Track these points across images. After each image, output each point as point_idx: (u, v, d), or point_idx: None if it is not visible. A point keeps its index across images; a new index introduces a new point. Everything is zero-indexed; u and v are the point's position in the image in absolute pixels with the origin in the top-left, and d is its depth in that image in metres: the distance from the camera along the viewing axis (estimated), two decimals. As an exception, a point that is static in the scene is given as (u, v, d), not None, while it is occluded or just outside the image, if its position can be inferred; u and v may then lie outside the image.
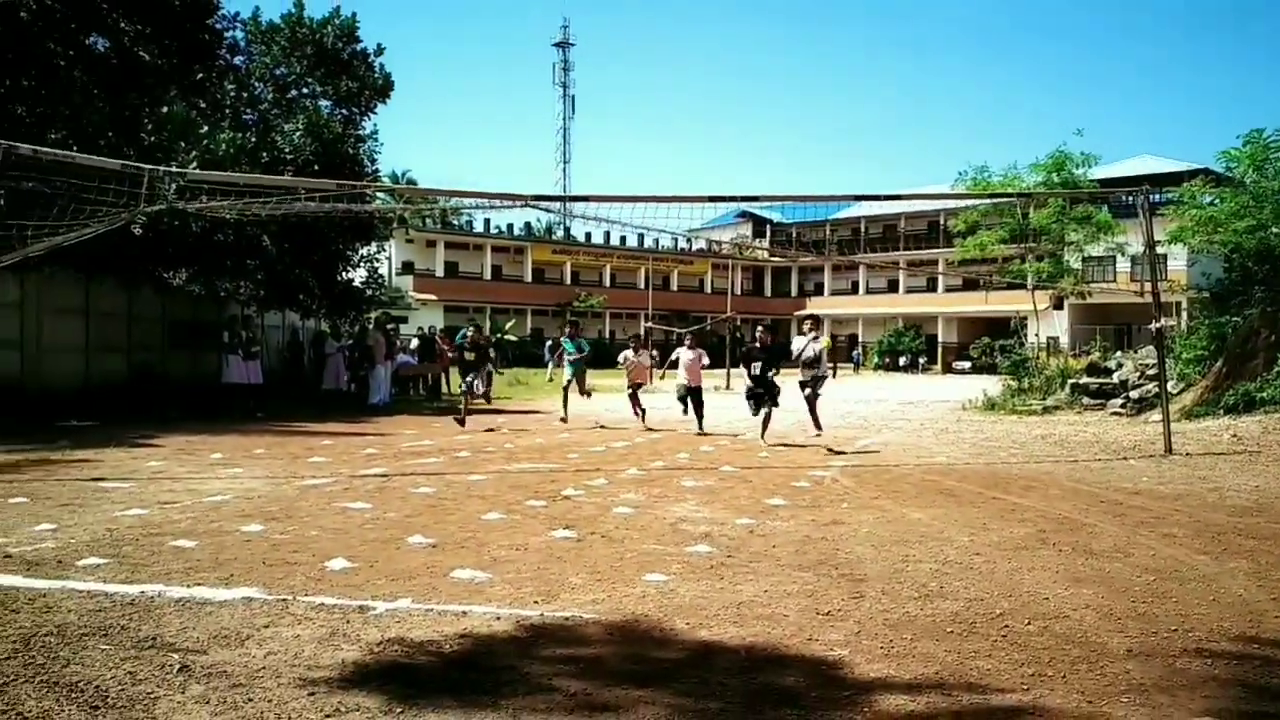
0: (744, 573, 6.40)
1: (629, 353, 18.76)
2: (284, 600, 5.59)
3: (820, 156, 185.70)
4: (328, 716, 3.86)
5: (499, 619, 5.29)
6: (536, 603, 5.64)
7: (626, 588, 5.99)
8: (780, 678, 4.40)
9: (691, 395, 16.67)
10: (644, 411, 17.77)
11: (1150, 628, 5.28)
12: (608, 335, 62.75)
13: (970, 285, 57.29)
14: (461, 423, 17.05)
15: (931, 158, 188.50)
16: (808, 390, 14.78)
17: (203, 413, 18.27)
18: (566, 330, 19.57)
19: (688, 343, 17.51)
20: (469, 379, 18.22)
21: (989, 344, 31.88)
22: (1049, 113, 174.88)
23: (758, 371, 14.63)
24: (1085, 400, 21.65)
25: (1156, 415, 18.13)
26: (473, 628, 5.13)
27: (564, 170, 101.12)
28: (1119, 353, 25.76)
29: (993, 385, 26.22)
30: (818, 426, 14.70)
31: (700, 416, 16.66)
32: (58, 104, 17.68)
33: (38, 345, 18.16)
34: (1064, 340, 43.43)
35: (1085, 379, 22.58)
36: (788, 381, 15.30)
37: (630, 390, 18.24)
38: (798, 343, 15.13)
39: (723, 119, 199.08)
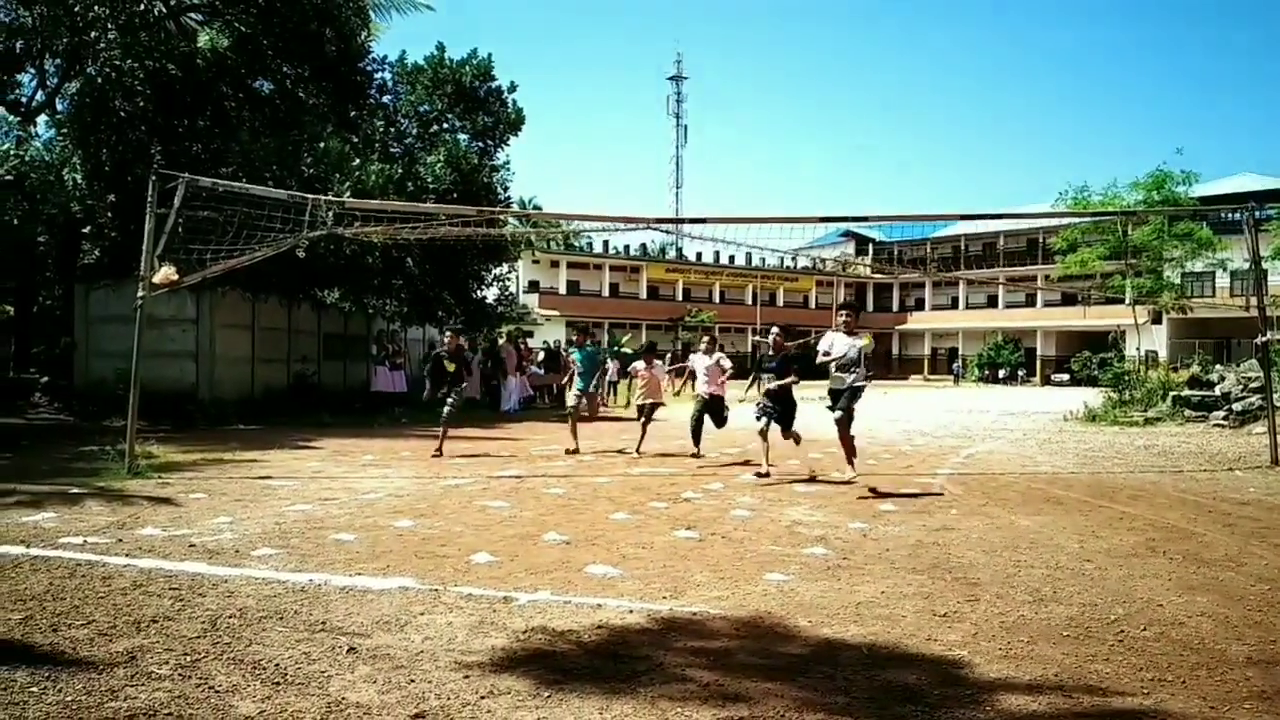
0: (860, 574, 6.28)
1: (640, 364, 14.97)
2: (436, 590, 5.70)
3: (920, 178, 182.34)
4: (483, 698, 3.92)
5: (631, 612, 5.30)
6: (665, 598, 5.63)
7: (749, 585, 5.94)
8: (903, 675, 4.29)
9: (711, 409, 13.20)
10: (643, 438, 14.04)
11: (1269, 636, 5.00)
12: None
13: (1069, 300, 55.51)
14: (439, 453, 13.16)
15: (1030, 177, 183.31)
16: (839, 407, 10.08)
17: (353, 417, 18.82)
18: (575, 338, 15.86)
19: (703, 347, 14.11)
20: (445, 396, 13.88)
21: (1089, 357, 30.73)
22: (1146, 132, 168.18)
23: (773, 385, 11.53)
24: (1187, 412, 20.73)
25: (1260, 427, 17.29)
26: (608, 619, 5.15)
27: (676, 194, 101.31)
28: (1219, 366, 24.62)
29: (1093, 397, 25.31)
30: (850, 461, 10.31)
31: (721, 424, 13.45)
32: (229, 141, 18.44)
33: (211, 357, 18.95)
34: (1162, 354, 41.78)
35: (1187, 391, 21.62)
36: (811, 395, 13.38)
37: (639, 410, 14.55)
38: (828, 342, 10.27)
39: (825, 141, 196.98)
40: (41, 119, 22.03)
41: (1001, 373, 63.03)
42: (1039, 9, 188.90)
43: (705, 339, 14.34)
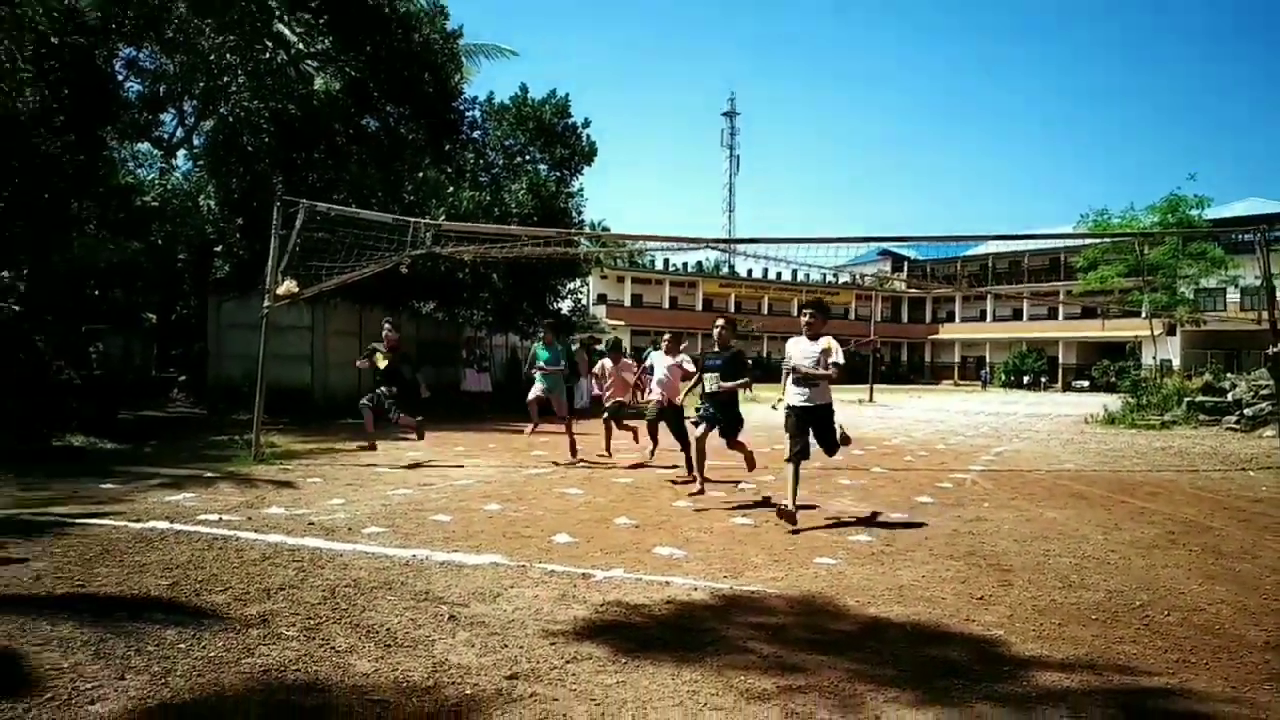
0: (902, 560, 6.18)
1: (606, 362, 12.37)
2: (523, 566, 5.74)
3: (950, 200, 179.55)
4: (568, 662, 3.93)
5: (696, 589, 5.28)
6: (725, 577, 5.60)
7: (801, 568, 5.88)
8: (945, 651, 4.22)
9: (668, 419, 10.41)
10: (609, 437, 12.12)
11: (1285, 623, 4.83)
12: (765, 354, 62.04)
13: (1089, 313, 54.09)
14: (371, 446, 11.88)
15: (1052, 201, 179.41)
16: (814, 427, 7.67)
17: (445, 414, 19.03)
18: (543, 335, 12.56)
19: (664, 345, 11.13)
20: (374, 402, 11.79)
21: (1108, 365, 30.02)
22: (1159, 160, 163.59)
23: (713, 387, 8.71)
24: (1201, 417, 20.06)
25: (1270, 430, 16.71)
26: (675, 595, 5.13)
27: (729, 217, 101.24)
28: (1230, 374, 23.84)
29: (1112, 401, 24.66)
30: (789, 506, 7.35)
31: (685, 447, 9.91)
32: (340, 172, 18.78)
33: (324, 360, 19.31)
34: (1176, 363, 40.51)
35: (1201, 397, 20.95)
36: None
37: (607, 413, 12.09)
38: (788, 350, 7.78)
39: (864, 165, 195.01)
40: (181, 153, 22.71)
41: (1026, 379, 61.68)
42: (1067, 49, 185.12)
43: (667, 336, 11.39)
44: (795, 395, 7.67)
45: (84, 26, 16.35)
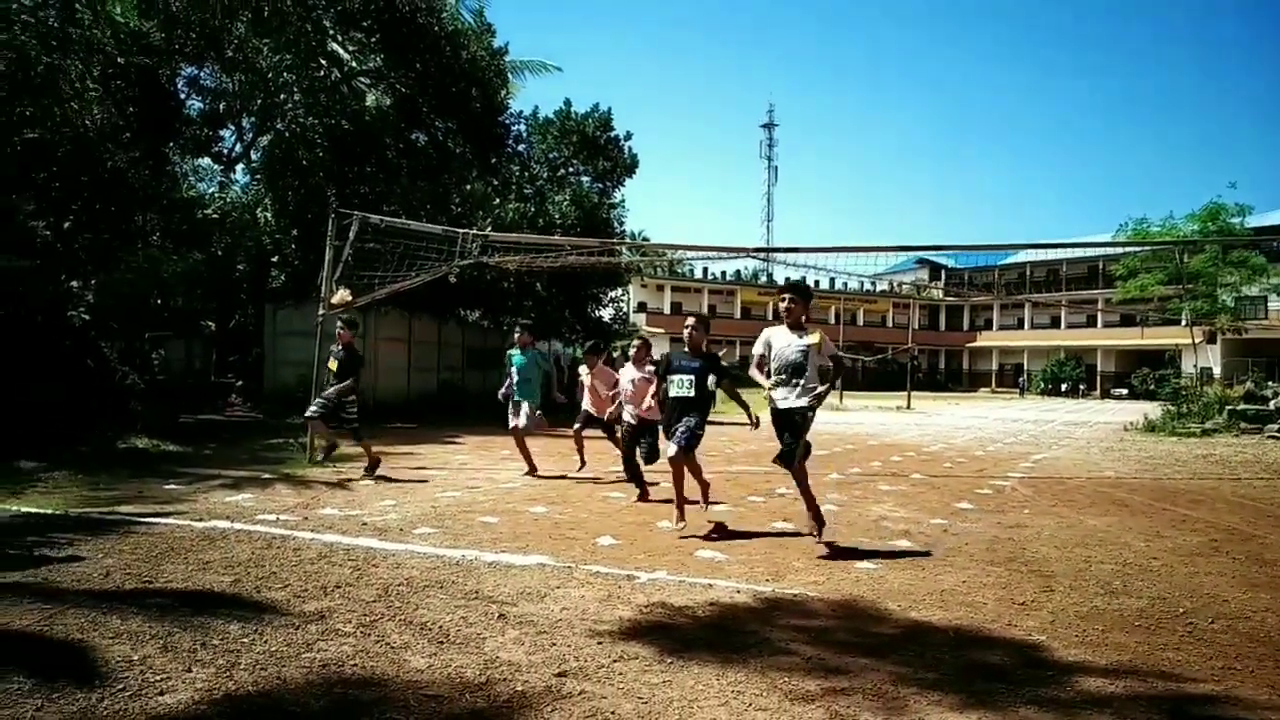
0: (943, 565, 6.11)
1: (583, 369, 10.70)
2: (569, 567, 5.76)
3: (988, 208, 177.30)
4: (615, 661, 3.95)
5: (739, 592, 5.27)
6: (767, 580, 5.58)
7: (842, 573, 5.84)
8: (987, 656, 4.16)
9: (642, 437, 8.73)
10: (580, 450, 10.72)
11: (1333, 632, 4.70)
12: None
13: (1128, 321, 53.07)
14: (332, 446, 10.73)
15: (1088, 207, 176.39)
16: (785, 446, 6.45)
17: (491, 418, 19.15)
18: (516, 336, 10.82)
19: (633, 351, 9.45)
20: (323, 409, 10.13)
21: (1148, 373, 29.42)
22: (1199, 169, 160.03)
23: (685, 389, 7.11)
24: (1242, 425, 19.64)
25: (1315, 439, 16.27)
26: (718, 598, 5.12)
27: (767, 226, 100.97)
28: (1271, 383, 23.25)
29: (1152, 409, 24.17)
30: (818, 523, 6.72)
31: (639, 473, 8.86)
32: (391, 185, 19.05)
33: (374, 366, 19.56)
34: (1217, 371, 39.61)
35: (1242, 405, 20.47)
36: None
37: (579, 424, 10.52)
38: (764, 340, 6.62)
39: (902, 175, 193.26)
40: (240, 167, 23.17)
41: (1064, 387, 60.69)
42: (1107, 58, 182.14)
43: (637, 342, 9.67)
44: (780, 394, 6.45)
45: (149, 47, 16.77)
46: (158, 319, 18.69)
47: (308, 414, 10.36)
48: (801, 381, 6.37)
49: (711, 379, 7.18)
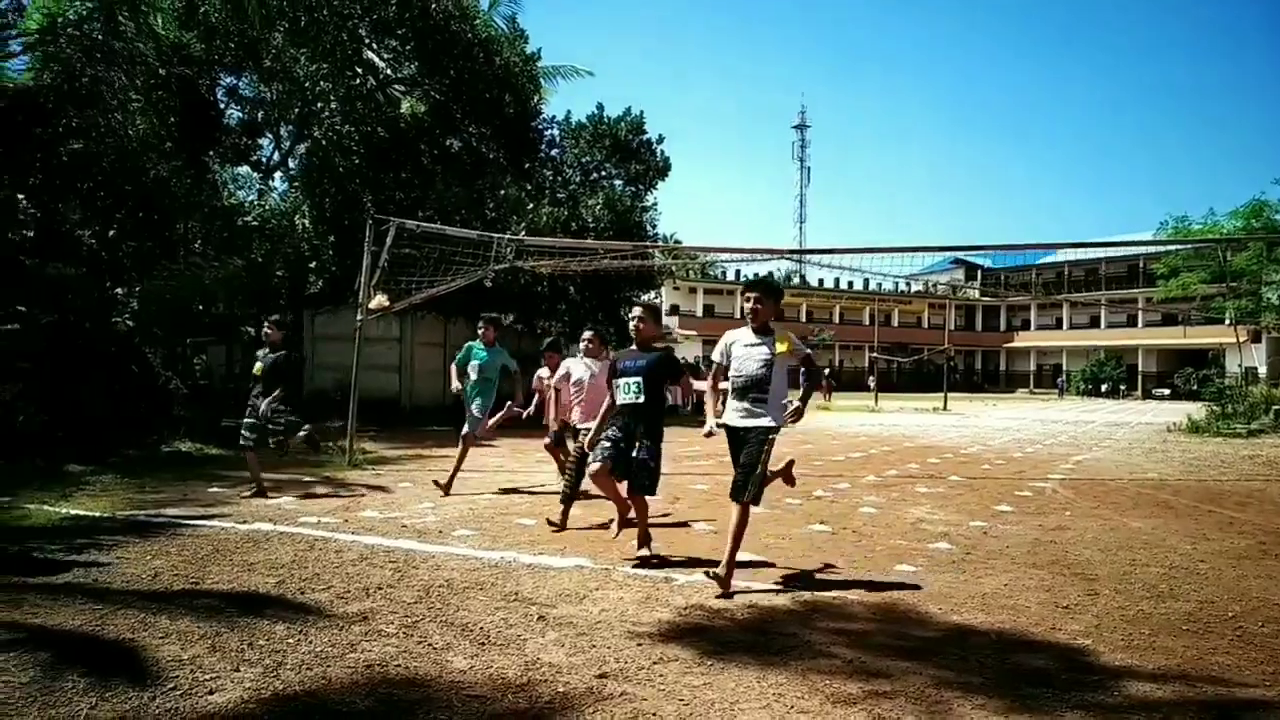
0: (983, 568, 6.04)
1: (544, 372, 9.27)
2: (607, 569, 5.77)
3: (1025, 207, 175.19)
4: (655, 663, 3.95)
5: (777, 594, 5.24)
6: (806, 583, 5.54)
7: (881, 575, 5.79)
8: (1031, 660, 4.10)
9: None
10: (572, 473, 7.53)
11: (1389, 637, 4.58)
12: (837, 364, 61.29)
13: (1169, 320, 52.07)
14: (261, 491, 8.56)
15: (1126, 206, 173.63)
16: (740, 471, 5.29)
17: (525, 422, 19.23)
18: (480, 329, 9.45)
19: (584, 344, 8.00)
20: (253, 431, 8.55)
21: (1191, 373, 28.87)
22: (1232, 162, 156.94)
23: (633, 395, 6.03)
24: (1289, 425, 19.21)
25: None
26: (756, 600, 5.10)
27: (800, 228, 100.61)
28: (1320, 382, 22.73)
29: (1196, 410, 23.71)
30: (729, 564, 5.25)
31: (573, 484, 7.36)
32: (426, 190, 19.22)
33: (411, 370, 19.75)
34: (1262, 370, 38.78)
35: (1289, 406, 20.04)
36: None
37: (550, 438, 9.18)
38: (723, 347, 5.65)
39: (937, 173, 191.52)
40: (277, 175, 23.46)
41: (1104, 387, 59.72)
42: (1142, 49, 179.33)
43: (588, 333, 8.19)
44: (734, 409, 5.44)
45: (189, 58, 17.09)
46: (199, 325, 19.01)
47: (241, 444, 8.74)
48: (764, 397, 5.35)
49: (668, 387, 6.08)
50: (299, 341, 21.08)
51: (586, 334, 8.15)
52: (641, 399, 6.02)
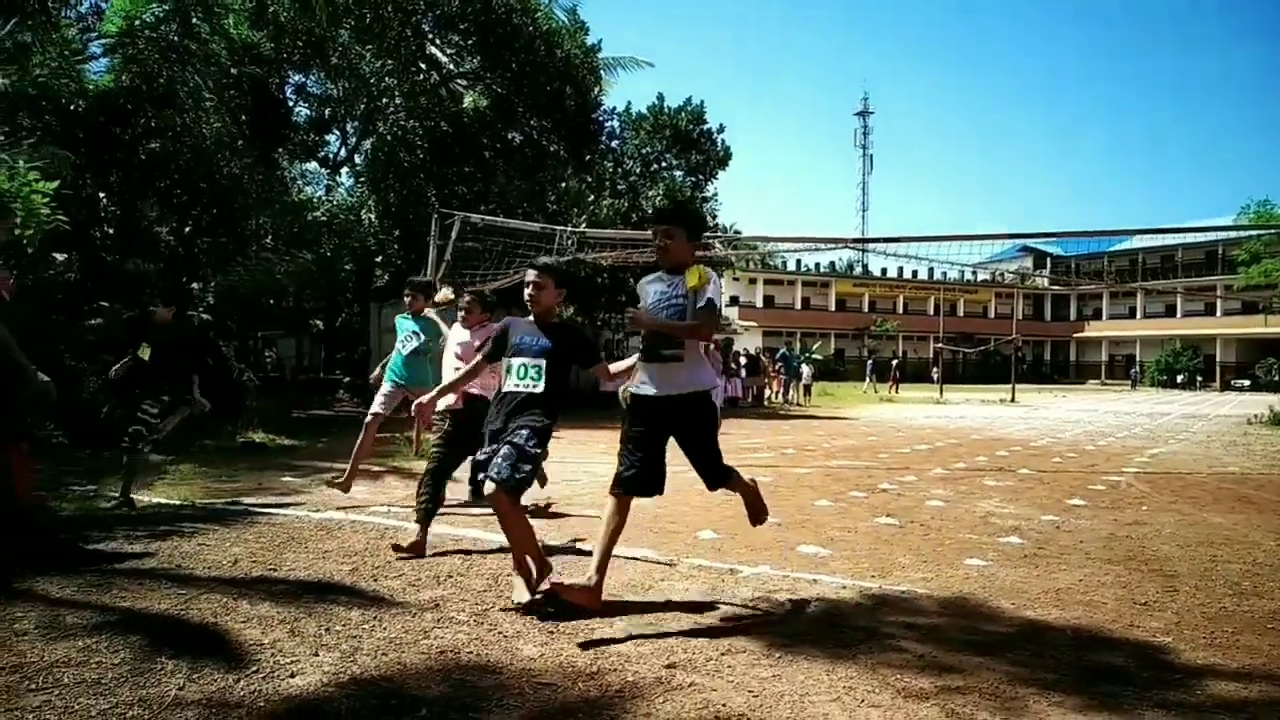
0: (1057, 563, 5.92)
1: (456, 327, 6.97)
2: (671, 561, 5.80)
3: (1097, 192, 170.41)
4: (723, 654, 3.95)
5: (845, 588, 5.21)
6: (873, 577, 5.50)
7: (950, 569, 5.72)
8: (1109, 658, 4.02)
9: (467, 433, 5.91)
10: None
11: None
12: (901, 354, 60.43)
13: (1249, 309, 50.16)
14: (125, 504, 7.02)
15: (1205, 192, 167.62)
16: (645, 440, 4.61)
17: (585, 412, 19.38)
18: (407, 298, 8.14)
19: (463, 306, 6.70)
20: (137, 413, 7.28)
21: (1273, 363, 27.81)
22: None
23: (530, 382, 4.66)
24: (1382, 417, 18.39)
25: None
26: (824, 594, 5.08)
27: (863, 216, 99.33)
28: None
29: (1277, 402, 22.83)
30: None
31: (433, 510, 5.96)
32: (488, 184, 19.45)
33: (473, 361, 20.01)
34: (1351, 360, 37.21)
35: (1381, 397, 19.18)
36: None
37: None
38: (642, 292, 4.68)
39: (1003, 162, 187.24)
40: (344, 170, 24.00)
41: (1179, 378, 57.84)
42: (1212, 33, 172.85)
43: (467, 297, 6.76)
44: (641, 376, 4.55)
45: (259, 57, 17.52)
46: (270, 318, 19.53)
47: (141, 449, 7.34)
48: (676, 353, 4.33)
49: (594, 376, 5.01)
50: (365, 335, 21.55)
51: (466, 299, 6.68)
52: (539, 387, 4.64)
